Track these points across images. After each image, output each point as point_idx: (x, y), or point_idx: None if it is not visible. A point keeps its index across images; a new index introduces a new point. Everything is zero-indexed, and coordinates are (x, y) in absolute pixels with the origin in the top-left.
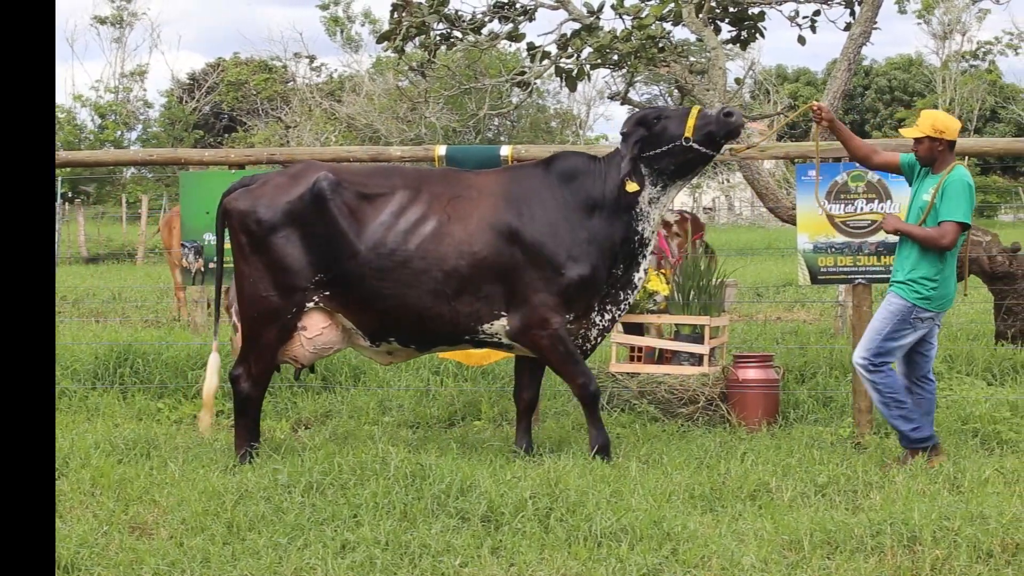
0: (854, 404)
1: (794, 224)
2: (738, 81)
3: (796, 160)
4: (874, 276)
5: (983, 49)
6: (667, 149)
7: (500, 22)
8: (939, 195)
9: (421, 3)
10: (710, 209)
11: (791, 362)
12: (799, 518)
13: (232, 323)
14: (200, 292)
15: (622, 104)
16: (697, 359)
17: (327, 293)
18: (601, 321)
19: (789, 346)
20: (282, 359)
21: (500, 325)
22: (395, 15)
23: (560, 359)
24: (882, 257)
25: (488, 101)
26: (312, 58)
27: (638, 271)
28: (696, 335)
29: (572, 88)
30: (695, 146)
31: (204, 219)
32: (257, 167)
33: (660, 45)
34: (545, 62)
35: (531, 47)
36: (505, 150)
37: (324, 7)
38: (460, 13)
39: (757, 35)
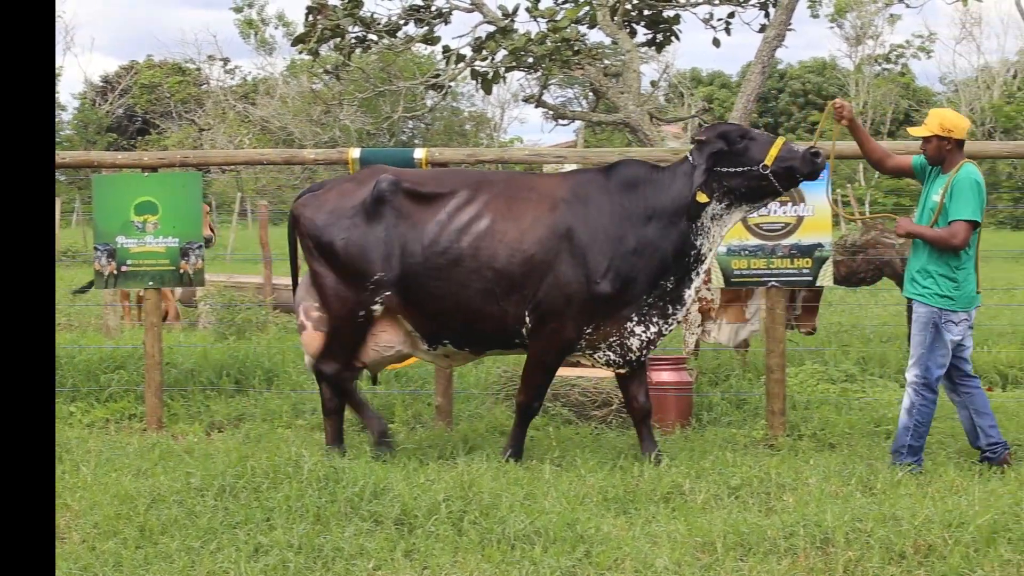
0: (767, 406)
1: None
2: (653, 84)
3: None
4: (787, 279)
5: (896, 52)
6: (743, 171)
7: (415, 25)
8: (948, 194)
9: (336, 6)
10: None
11: (704, 364)
12: (712, 520)
13: (298, 323)
14: (112, 295)
15: (536, 107)
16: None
17: (388, 293)
18: (644, 333)
19: (703, 348)
20: None
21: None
22: (310, 18)
23: (541, 366)
24: (795, 260)
25: (402, 104)
26: (226, 61)
27: (689, 288)
28: None
29: (487, 91)
30: (771, 177)
31: (117, 222)
32: (170, 170)
33: (575, 48)
34: (460, 65)
35: (446, 50)
36: (419, 153)
37: (238, 10)
38: (375, 16)
39: (672, 38)
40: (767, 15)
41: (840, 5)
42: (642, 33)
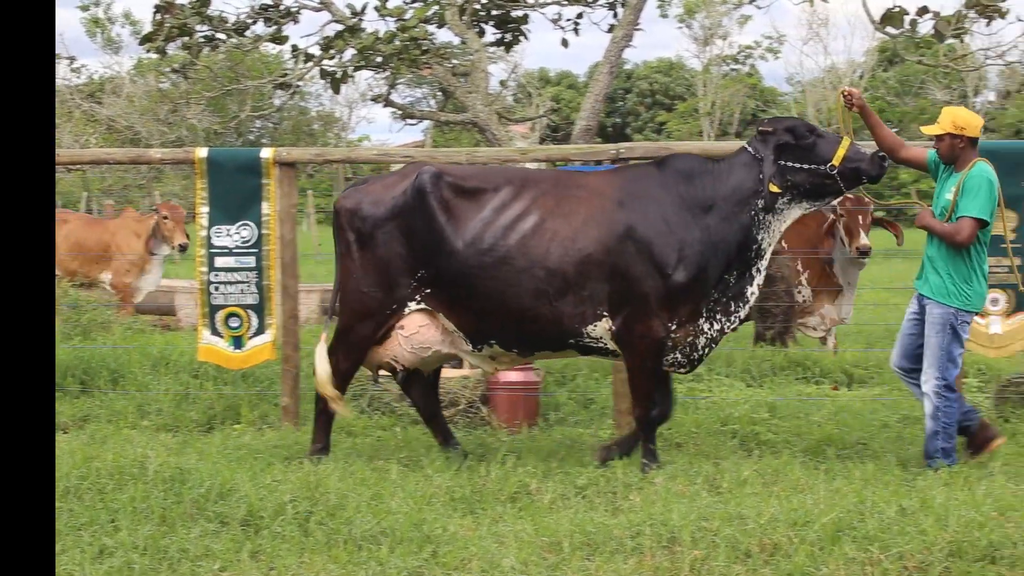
0: (614, 406)
1: None
2: (501, 84)
3: (558, 163)
4: None
5: (744, 53)
6: (809, 168)
7: (263, 24)
8: (960, 191)
9: (184, 5)
10: None
11: (552, 364)
12: (559, 520)
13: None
14: None
15: (385, 106)
16: (458, 362)
17: (428, 291)
18: (710, 330)
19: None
20: (383, 360)
21: (603, 328)
22: (157, 16)
23: (643, 372)
24: None
25: (250, 103)
26: (72, 59)
27: (751, 285)
28: None
29: (335, 90)
30: (836, 176)
31: None
32: None
33: (423, 47)
34: (308, 64)
35: (294, 49)
36: (266, 152)
37: (84, 8)
38: (223, 15)
39: (520, 38)
40: (615, 15)
41: (689, 5)
42: (491, 33)
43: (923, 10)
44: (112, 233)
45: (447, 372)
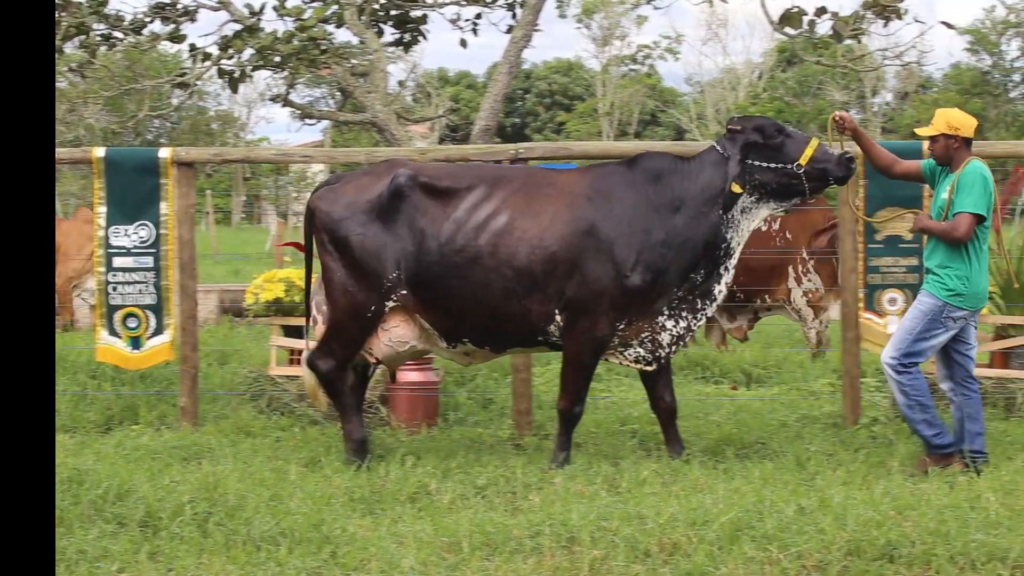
0: (514, 406)
1: None
2: (400, 84)
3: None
4: None
5: (643, 53)
6: (777, 167)
7: (161, 23)
8: (955, 189)
9: (81, 3)
10: None
11: (451, 364)
12: (459, 520)
13: (314, 317)
14: None
15: (283, 106)
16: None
17: (405, 291)
18: (675, 328)
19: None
20: (359, 353)
21: (557, 323)
22: (55, 15)
23: (577, 367)
24: None
25: (148, 102)
26: None
27: (719, 283)
28: None
29: (234, 90)
30: (803, 176)
31: None
32: None
33: (322, 47)
34: (206, 63)
35: (192, 48)
36: (165, 152)
37: None
38: (121, 14)
39: (419, 38)
40: (514, 16)
41: (587, 6)
42: (390, 33)
43: (821, 11)
44: (65, 235)
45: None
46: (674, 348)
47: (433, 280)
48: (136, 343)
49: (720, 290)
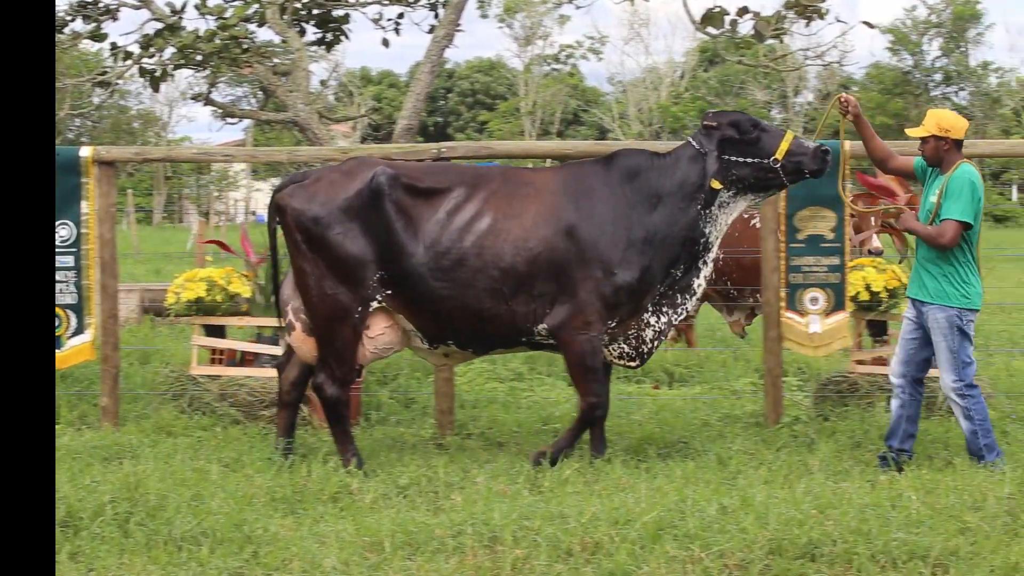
0: (436, 405)
1: None
2: (323, 83)
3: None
4: None
5: (565, 53)
6: (753, 162)
7: (82, 21)
8: (943, 194)
9: None
10: None
11: (373, 364)
12: (381, 519)
13: (287, 322)
14: None
15: (205, 105)
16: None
17: (388, 292)
18: (657, 323)
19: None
20: None
21: (543, 322)
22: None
23: (582, 368)
24: None
25: (69, 101)
26: None
27: (698, 277)
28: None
29: (155, 88)
30: (779, 170)
31: None
32: None
33: (244, 46)
34: (127, 62)
35: (114, 47)
36: (85, 151)
37: None
38: None
39: (341, 37)
40: (436, 15)
41: (509, 5)
42: (312, 32)
43: (743, 11)
44: None
45: (267, 372)
46: (656, 344)
47: (418, 281)
48: (57, 342)
49: (700, 284)
